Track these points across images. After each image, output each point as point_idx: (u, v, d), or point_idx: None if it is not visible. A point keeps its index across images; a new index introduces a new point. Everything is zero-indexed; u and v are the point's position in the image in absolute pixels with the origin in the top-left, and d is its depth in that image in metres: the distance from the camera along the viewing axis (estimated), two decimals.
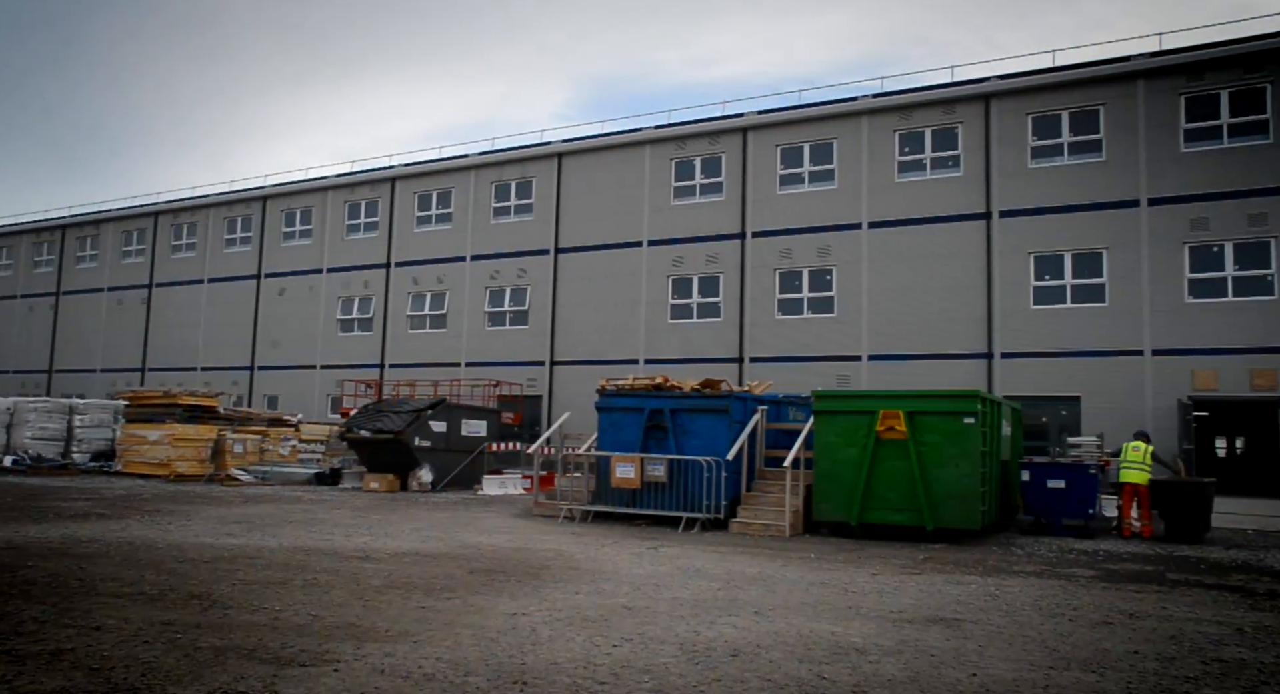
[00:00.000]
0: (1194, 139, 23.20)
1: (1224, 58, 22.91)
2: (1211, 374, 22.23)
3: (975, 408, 14.25)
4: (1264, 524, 17.09)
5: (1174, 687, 5.83)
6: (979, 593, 9.34)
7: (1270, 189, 22.11)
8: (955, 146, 25.80)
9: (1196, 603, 9.08)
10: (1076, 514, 15.30)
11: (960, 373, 24.44)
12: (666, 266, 29.58)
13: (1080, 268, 24.00)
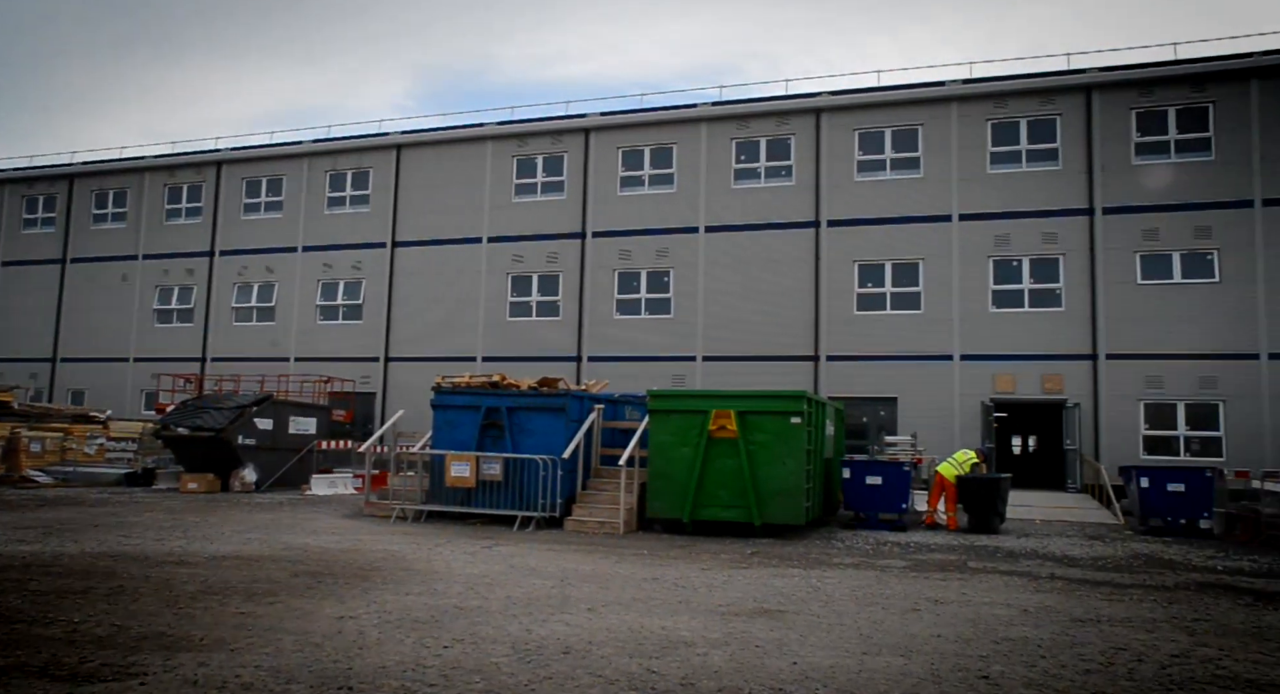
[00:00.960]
0: (998, 161, 25.12)
1: (1024, 90, 24.92)
2: (1010, 378, 24.16)
3: (801, 408, 14.92)
4: (1049, 515, 18.73)
5: (970, 665, 6.33)
6: (801, 585, 9.80)
7: (1060, 211, 24.24)
8: (788, 157, 26.89)
9: (991, 588, 9.87)
10: (892, 509, 16.28)
11: (789, 374, 25.50)
12: (507, 264, 29.38)
13: (899, 277, 25.54)
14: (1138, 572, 11.56)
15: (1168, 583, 10.64)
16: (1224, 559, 13.11)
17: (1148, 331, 23.31)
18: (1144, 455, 22.84)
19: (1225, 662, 6.66)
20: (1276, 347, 22.40)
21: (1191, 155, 23.65)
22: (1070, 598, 9.36)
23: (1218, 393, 22.70)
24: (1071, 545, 14.28)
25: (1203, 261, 23.23)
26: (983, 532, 15.88)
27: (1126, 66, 24.39)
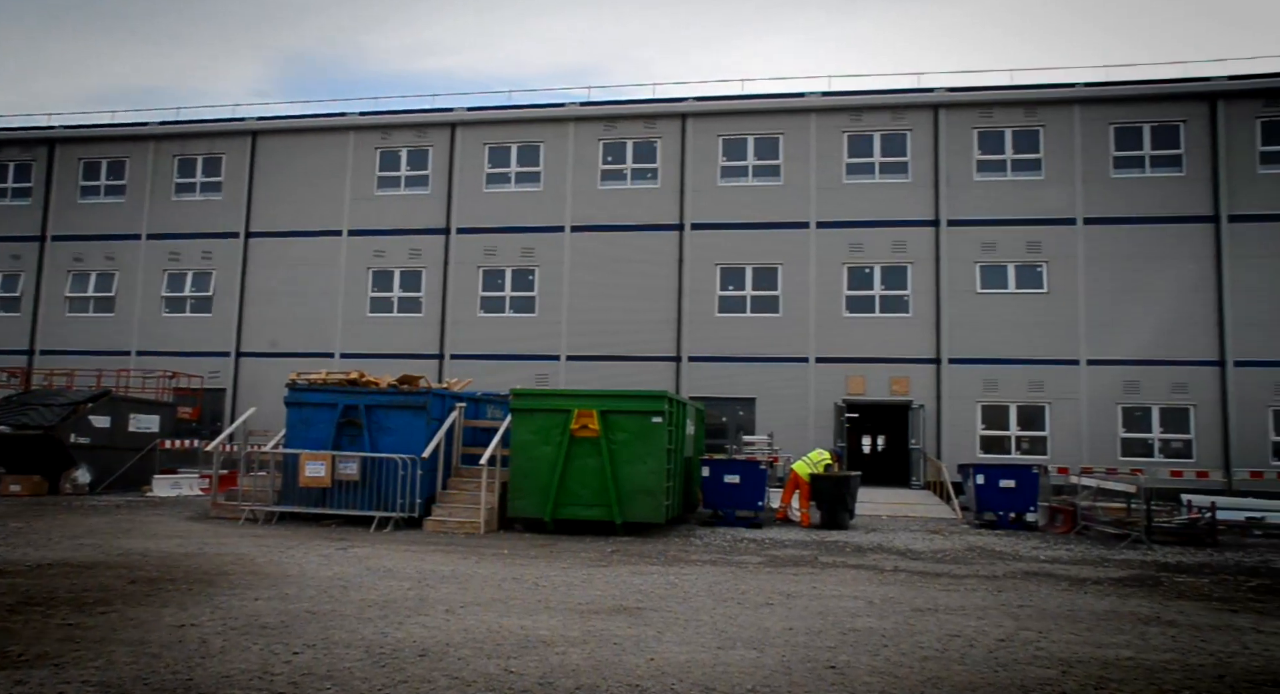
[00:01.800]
0: (853, 172, 26.23)
1: (878, 105, 26.12)
2: (861, 380, 25.27)
3: (663, 408, 15.18)
4: (895, 510, 19.72)
5: (818, 656, 6.62)
6: (660, 582, 9.98)
7: (909, 221, 25.52)
8: (654, 159, 27.25)
9: (841, 582, 10.32)
10: (749, 506, 16.76)
11: (652, 374, 25.86)
12: (368, 258, 28.57)
13: (759, 281, 26.29)
14: (972, 563, 12.32)
15: (998, 572, 11.39)
16: (1046, 549, 14.14)
17: (985, 338, 24.84)
18: (980, 454, 24.32)
19: (1043, 643, 7.21)
20: (1094, 354, 24.27)
21: (1025, 174, 25.33)
22: (912, 589, 9.90)
23: (1044, 396, 24.42)
24: (914, 539, 15.07)
25: (1033, 273, 24.93)
26: (834, 527, 16.55)
27: (970, 88, 25.91)
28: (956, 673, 6.22)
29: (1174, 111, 24.81)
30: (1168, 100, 24.84)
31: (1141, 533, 15.24)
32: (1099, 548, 14.50)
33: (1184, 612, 8.88)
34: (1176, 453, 23.91)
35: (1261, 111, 24.41)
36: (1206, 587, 10.69)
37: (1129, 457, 23.74)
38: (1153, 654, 6.94)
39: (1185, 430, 23.88)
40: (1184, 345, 23.98)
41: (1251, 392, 23.55)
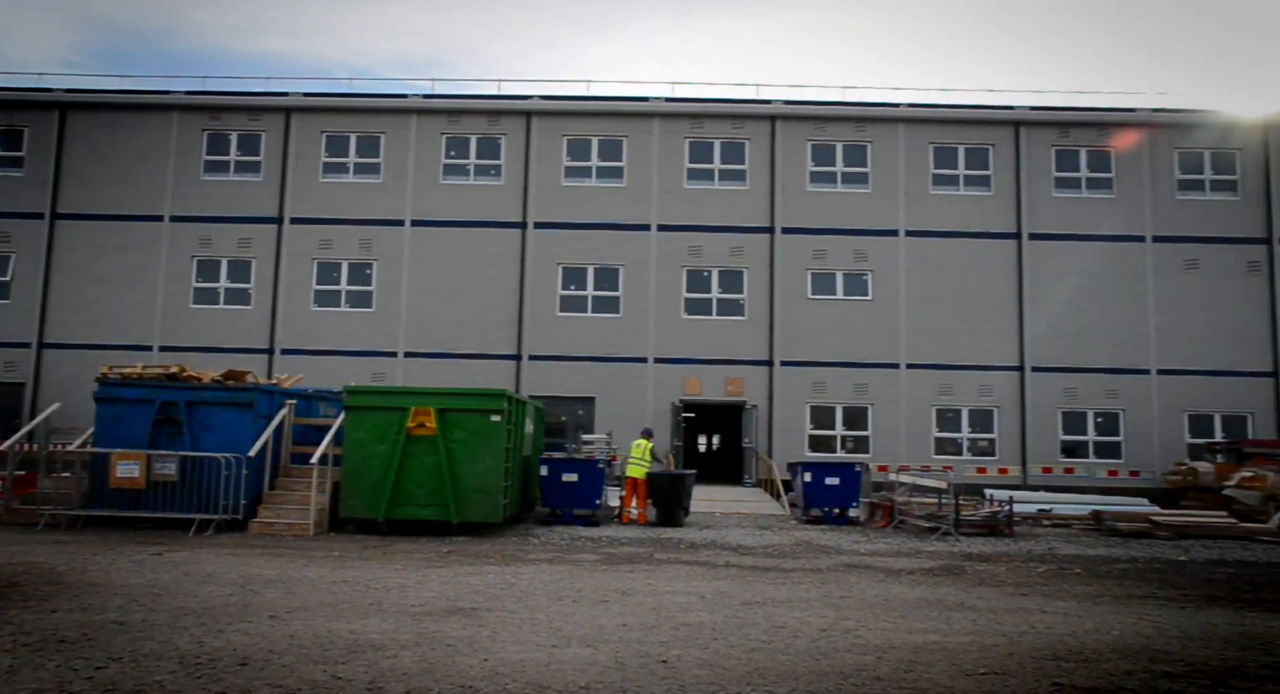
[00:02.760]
0: (695, 177, 26.87)
1: (719, 114, 26.89)
2: (698, 381, 25.94)
3: (502, 406, 15.09)
4: (729, 507, 20.35)
5: (651, 651, 6.78)
6: (496, 582, 9.94)
7: (746, 228, 26.40)
8: (498, 156, 27.00)
9: (674, 578, 10.59)
10: (587, 505, 16.89)
11: (492, 372, 25.63)
12: (193, 246, 26.91)
13: (600, 281, 26.52)
14: (799, 557, 12.90)
15: (822, 566, 11.98)
16: (866, 542, 14.97)
17: (815, 342, 26.02)
18: (809, 452, 25.45)
19: (861, 631, 7.66)
20: (913, 358, 25.88)
21: (854, 186, 26.69)
22: (742, 583, 10.27)
23: (868, 397, 25.82)
24: (746, 535, 15.62)
25: (860, 281, 26.33)
26: (669, 525, 16.92)
27: (805, 102, 27.05)
28: (781, 663, 6.52)
29: (984, 135, 26.78)
30: (979, 124, 26.77)
31: (950, 526, 16.37)
32: (913, 540, 15.48)
33: (983, 597, 9.63)
34: (982, 451, 25.82)
35: (1056, 140, 26.70)
36: (1003, 574, 11.62)
37: (941, 455, 25.46)
38: (955, 637, 7.50)
39: (990, 430, 25.81)
40: (991, 352, 25.92)
41: (1045, 395, 25.73)
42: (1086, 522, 18.70)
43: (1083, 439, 25.77)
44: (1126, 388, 25.75)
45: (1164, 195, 26.45)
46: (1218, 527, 17.45)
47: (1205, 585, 11.06)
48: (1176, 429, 25.65)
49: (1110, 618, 8.58)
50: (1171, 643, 7.50)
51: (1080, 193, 26.59)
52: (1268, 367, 25.76)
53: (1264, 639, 7.81)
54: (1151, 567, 12.79)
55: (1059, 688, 6.00)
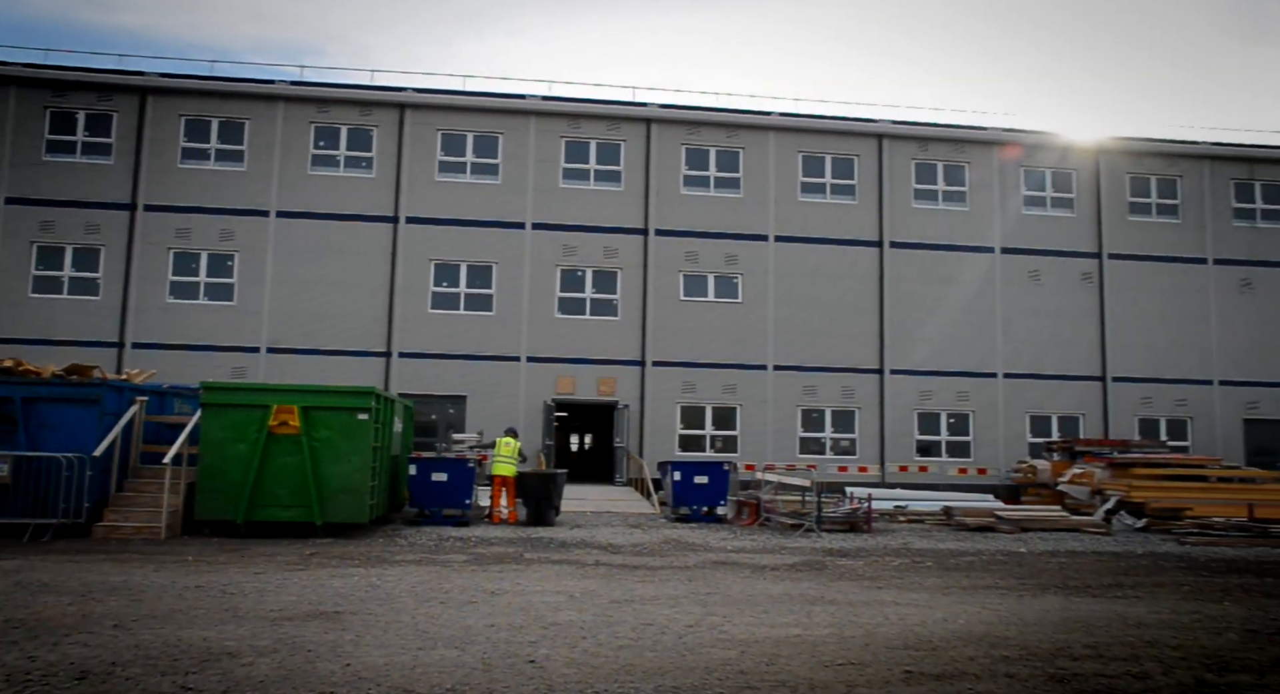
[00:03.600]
0: (570, 177, 26.90)
1: (595, 114, 26.99)
2: (571, 380, 25.97)
3: (370, 404, 14.74)
4: (600, 506, 20.46)
5: (519, 651, 6.78)
6: (361, 584, 9.71)
7: (620, 229, 26.60)
8: (370, 148, 26.30)
9: (543, 577, 10.59)
10: (456, 504, 16.67)
11: (360, 370, 24.95)
12: (32, 231, 25.08)
13: (474, 278, 26.20)
14: (668, 555, 13.11)
15: (690, 563, 12.21)
16: (733, 540, 15.35)
17: (686, 343, 26.46)
18: (679, 451, 25.86)
19: (726, 627, 7.86)
20: (780, 360, 26.66)
21: (726, 191, 27.26)
22: (611, 582, 10.36)
23: (737, 398, 26.45)
24: (616, 534, 15.75)
25: (730, 284, 26.93)
26: (540, 524, 16.89)
27: (680, 106, 27.45)
28: (648, 659, 6.63)
29: (850, 146, 27.84)
30: (846, 135, 27.81)
31: (813, 523, 16.96)
32: (778, 537, 15.96)
33: (843, 591, 10.04)
34: (844, 450, 26.85)
35: (916, 154, 28.01)
36: (861, 568, 12.14)
37: (806, 454, 26.33)
38: (816, 630, 7.80)
39: (851, 430, 26.86)
40: (853, 355, 26.98)
41: (902, 397, 26.97)
42: (939, 517, 19.70)
43: (936, 439, 27.14)
44: (976, 391, 27.27)
45: (1012, 210, 28.14)
46: (1052, 520, 18.71)
47: (1040, 575, 11.85)
48: (1019, 429, 27.34)
49: (957, 608, 9.09)
50: (1010, 629, 8.02)
51: (937, 205, 27.98)
52: (1097, 372, 27.75)
53: (1086, 622, 8.44)
54: (995, 559, 13.61)
55: (910, 675, 6.32)
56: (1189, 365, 28.16)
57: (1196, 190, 28.97)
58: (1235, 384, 28.24)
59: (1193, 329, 28.30)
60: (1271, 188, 29.35)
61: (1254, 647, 7.59)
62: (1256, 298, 28.69)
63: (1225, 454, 26.65)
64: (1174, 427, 27.99)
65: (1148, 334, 28.02)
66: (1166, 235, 28.69)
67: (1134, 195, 28.77)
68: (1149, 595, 10.28)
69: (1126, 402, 27.79)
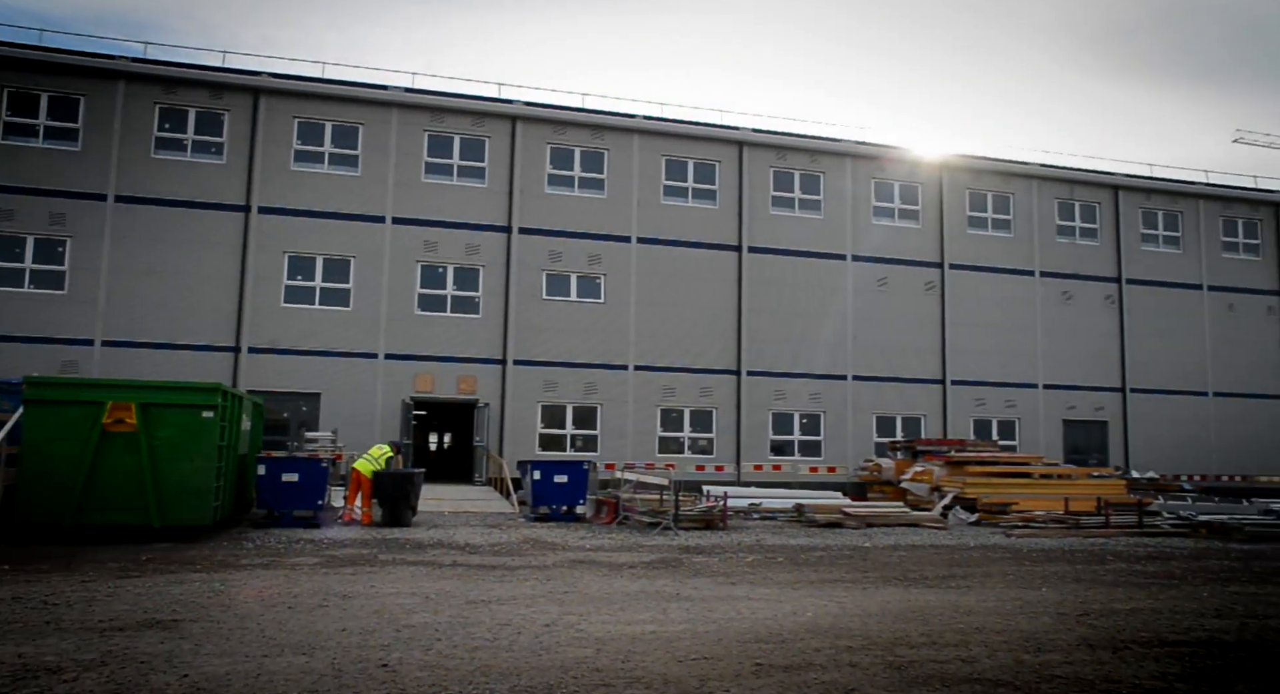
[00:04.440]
0: (433, 171, 26.40)
1: (460, 109, 26.61)
2: (430, 378, 25.50)
3: (215, 401, 14.09)
4: (458, 506, 20.20)
5: (371, 655, 6.64)
6: (203, 590, 9.28)
7: (483, 226, 26.33)
8: (220, 133, 25.03)
9: (398, 579, 10.39)
10: (308, 505, 16.12)
11: (207, 365, 23.73)
12: None
13: (330, 272, 25.34)
14: (526, 554, 13.09)
15: (548, 562, 12.24)
16: (592, 538, 15.46)
17: (548, 342, 26.43)
18: (539, 451, 25.80)
19: (583, 625, 7.94)
20: (641, 360, 26.99)
21: (590, 191, 27.39)
22: (468, 582, 10.27)
23: (597, 397, 26.61)
24: (474, 534, 15.60)
25: (593, 284, 27.06)
26: (396, 525, 16.53)
27: (546, 105, 27.39)
28: (504, 660, 6.63)
29: (712, 152, 28.47)
30: (708, 141, 28.42)
31: (670, 521, 17.27)
32: (636, 535, 16.18)
33: (698, 588, 10.29)
34: (702, 449, 27.44)
35: (774, 162, 28.91)
36: (716, 564, 12.47)
37: (665, 453, 26.75)
38: (671, 626, 7.98)
39: (709, 430, 27.48)
40: (712, 356, 27.61)
41: (758, 397, 27.80)
42: (791, 514, 20.43)
43: (790, 439, 28.10)
44: (827, 392, 28.39)
45: (862, 220, 29.45)
46: (895, 516, 19.72)
47: (882, 568, 12.49)
48: (867, 430, 28.65)
49: (806, 601, 9.48)
50: (854, 621, 8.43)
51: (794, 212, 28.97)
52: (938, 375, 29.41)
53: (923, 612, 8.97)
54: (842, 553, 14.23)
55: (760, 668, 6.56)
56: (1017, 370, 30.22)
57: (1026, 207, 31.12)
58: (1056, 388, 30.51)
59: (1021, 337, 30.39)
60: (1087, 207, 31.85)
61: (1064, 628, 8.26)
62: (1075, 309, 31.06)
63: (1047, 452, 28.75)
64: (1004, 427, 29.98)
65: (982, 341, 29.90)
66: (1000, 248, 30.68)
67: (973, 210, 30.64)
68: (979, 585, 11.00)
69: (963, 403, 29.56)
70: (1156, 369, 31.64)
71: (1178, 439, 31.44)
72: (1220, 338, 32.51)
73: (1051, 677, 6.47)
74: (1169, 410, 31.61)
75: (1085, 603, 9.79)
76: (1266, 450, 32.53)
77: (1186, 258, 32.69)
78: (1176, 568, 13.28)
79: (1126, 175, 32.36)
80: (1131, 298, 31.70)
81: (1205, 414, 32.06)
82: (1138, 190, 32.41)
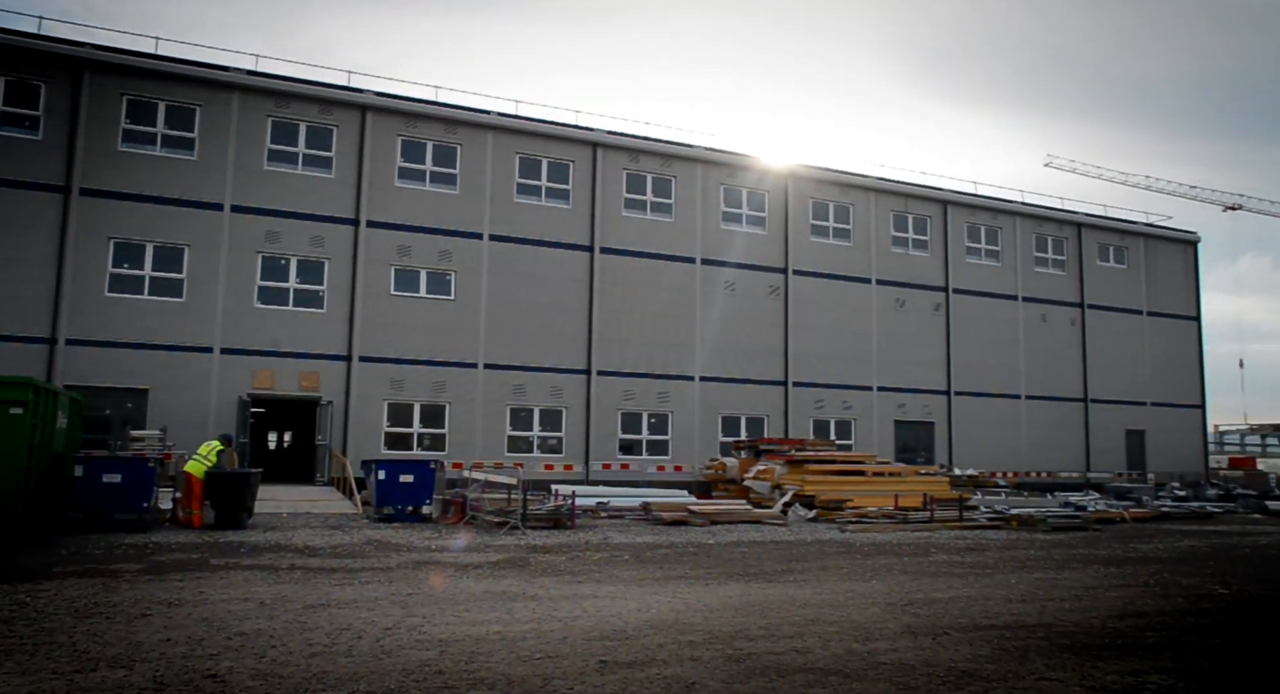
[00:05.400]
0: (276, 159, 25.29)
1: (307, 96, 25.60)
2: (270, 374, 24.41)
3: (27, 397, 13.08)
4: (298, 507, 19.44)
5: (198, 665, 6.35)
6: (4, 603, 8.59)
7: (329, 217, 25.42)
8: (36, 106, 23.11)
9: (230, 584, 9.93)
10: (132, 508, 15.15)
11: (20, 357, 21.82)
12: None
13: (162, 261, 23.85)
14: (369, 556, 12.76)
15: (392, 564, 11.98)
16: (438, 539, 15.23)
17: (396, 338, 25.78)
18: (385, 450, 25.14)
19: (427, 627, 7.84)
20: (490, 359, 26.74)
21: (442, 186, 26.92)
22: (306, 586, 9.93)
23: (446, 395, 26.18)
24: (314, 536, 15.07)
25: (443, 280, 26.60)
26: (230, 528, 15.76)
27: (397, 96, 26.72)
28: (343, 665, 6.47)
29: (566, 152, 28.49)
30: (562, 141, 28.44)
31: (518, 520, 17.21)
32: (484, 535, 16.04)
33: (544, 587, 10.33)
34: (551, 449, 27.44)
35: (628, 164, 29.24)
36: (563, 563, 12.54)
37: (514, 452, 26.60)
38: (516, 626, 7.98)
39: (559, 429, 27.52)
40: (563, 355, 27.65)
41: (608, 397, 28.05)
42: (638, 513, 20.72)
43: (638, 438, 28.50)
44: (676, 392, 28.96)
45: (711, 225, 30.19)
46: (738, 513, 20.34)
47: (725, 564, 12.89)
48: (713, 429, 29.40)
49: (650, 598, 9.68)
50: (696, 616, 8.67)
51: (646, 215, 29.39)
52: (780, 377, 30.52)
53: (762, 606, 9.34)
54: (686, 550, 14.58)
55: (604, 665, 6.67)
56: (854, 373, 31.74)
57: (865, 218, 32.72)
58: (889, 390, 32.24)
59: (858, 341, 31.94)
60: (920, 220, 33.81)
61: (891, 617, 8.78)
62: (907, 316, 32.91)
63: (880, 451, 30.32)
64: (841, 427, 31.42)
65: (823, 344, 31.23)
66: (840, 256, 32.13)
67: (815, 218, 31.95)
68: (815, 579, 11.52)
69: (804, 404, 30.78)
70: (977, 373, 33.94)
71: (994, 439, 33.83)
72: (1032, 345, 35.21)
73: (878, 664, 6.87)
74: (987, 412, 33.97)
75: (910, 593, 10.43)
76: (1068, 449, 35.52)
77: (1005, 271, 35.20)
78: (990, 558, 14.31)
79: (954, 192, 34.55)
80: (957, 307, 33.86)
81: (1018, 416, 34.64)
82: (964, 206, 34.65)
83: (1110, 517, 22.76)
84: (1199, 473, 37.75)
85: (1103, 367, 36.66)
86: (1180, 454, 38.05)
